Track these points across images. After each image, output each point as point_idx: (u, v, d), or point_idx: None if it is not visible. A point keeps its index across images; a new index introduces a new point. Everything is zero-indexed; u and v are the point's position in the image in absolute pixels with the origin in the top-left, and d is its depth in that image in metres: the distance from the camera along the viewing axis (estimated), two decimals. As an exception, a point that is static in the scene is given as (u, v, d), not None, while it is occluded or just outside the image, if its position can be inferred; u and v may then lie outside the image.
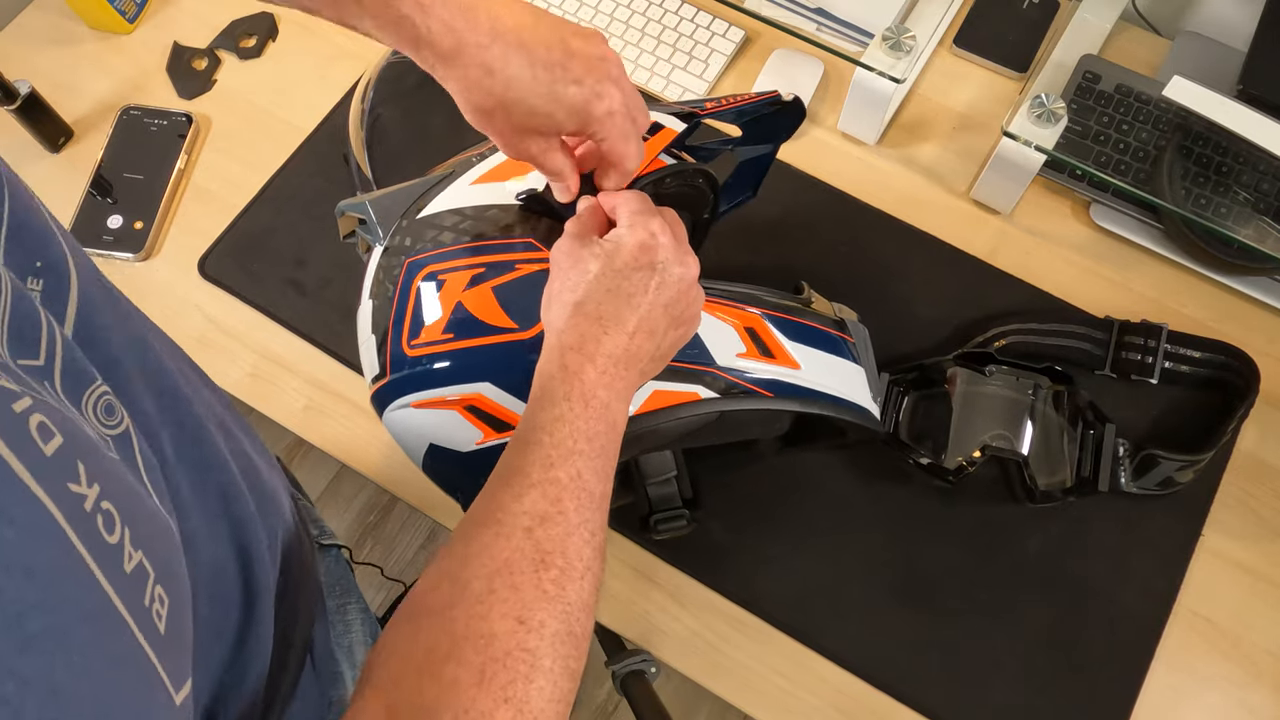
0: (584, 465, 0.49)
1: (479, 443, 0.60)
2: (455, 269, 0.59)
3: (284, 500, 0.54)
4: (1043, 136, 0.81)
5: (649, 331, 0.53)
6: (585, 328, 0.52)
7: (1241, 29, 0.91)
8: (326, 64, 1.01)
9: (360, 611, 0.65)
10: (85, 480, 0.29)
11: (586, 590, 0.46)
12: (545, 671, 0.43)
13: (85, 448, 0.30)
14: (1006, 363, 0.80)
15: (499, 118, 0.52)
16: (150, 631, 0.30)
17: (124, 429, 0.35)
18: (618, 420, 0.52)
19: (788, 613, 0.76)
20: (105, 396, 0.34)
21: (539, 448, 0.49)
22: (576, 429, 0.49)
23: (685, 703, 1.42)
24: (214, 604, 0.43)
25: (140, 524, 0.31)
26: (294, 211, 0.93)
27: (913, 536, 0.77)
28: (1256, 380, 0.79)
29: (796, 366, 0.64)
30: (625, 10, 1.00)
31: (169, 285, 0.90)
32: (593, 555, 0.47)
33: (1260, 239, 0.84)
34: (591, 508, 0.48)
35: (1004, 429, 0.78)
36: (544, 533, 0.46)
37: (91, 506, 0.29)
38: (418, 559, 1.58)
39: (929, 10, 0.94)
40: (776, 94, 0.71)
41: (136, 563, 0.30)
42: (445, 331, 0.59)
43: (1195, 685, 0.73)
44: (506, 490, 0.48)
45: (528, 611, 0.43)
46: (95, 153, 0.95)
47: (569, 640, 0.44)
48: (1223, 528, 0.78)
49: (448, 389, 0.59)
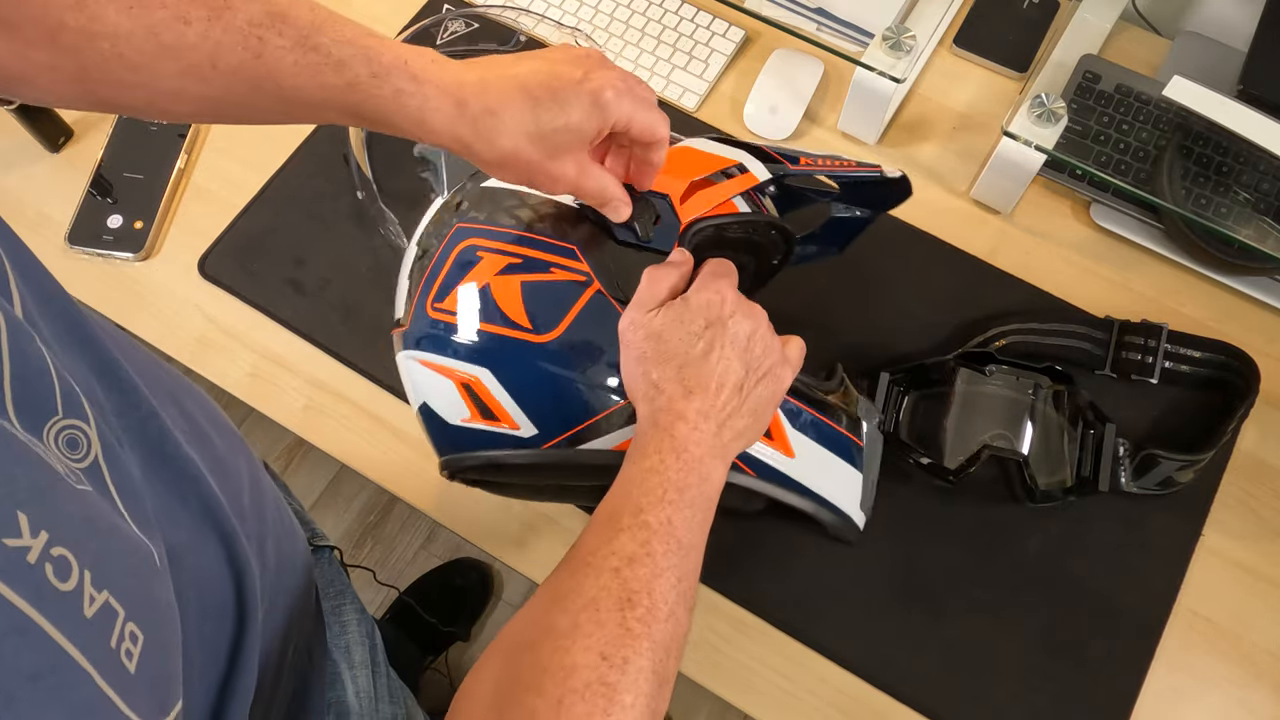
0: (674, 514, 0.49)
1: (464, 420, 0.61)
2: (494, 250, 0.60)
3: (268, 501, 0.54)
4: (1043, 136, 0.81)
5: (734, 387, 0.54)
6: (671, 389, 0.53)
7: (1241, 29, 0.91)
8: (326, 64, 1.01)
9: (356, 612, 0.65)
10: (28, 530, 0.28)
11: (671, 632, 0.46)
12: (625, 707, 0.43)
13: (29, 493, 0.29)
14: (1006, 362, 0.80)
15: (525, 152, 0.51)
16: (116, 674, 0.29)
17: (91, 459, 0.34)
18: (712, 475, 0.53)
19: (788, 613, 0.76)
20: (67, 430, 0.33)
21: (629, 498, 0.50)
22: (668, 479, 0.50)
23: (685, 703, 1.42)
24: (205, 618, 0.43)
25: (107, 560, 0.31)
26: (294, 211, 0.93)
27: (913, 536, 0.77)
28: (1256, 380, 0.79)
29: (791, 455, 0.63)
30: (625, 10, 1.00)
31: (169, 285, 0.90)
32: (677, 600, 0.48)
33: (1260, 239, 0.84)
34: (680, 554, 0.49)
35: (1004, 429, 0.78)
36: (631, 572, 0.47)
37: (38, 557, 0.28)
38: (418, 559, 1.58)
39: (929, 10, 0.94)
40: (879, 169, 0.71)
41: (101, 604, 0.30)
42: (464, 307, 0.60)
43: (1195, 685, 0.73)
44: (597, 535, 0.49)
45: (610, 647, 0.44)
46: (95, 152, 0.95)
47: (652, 679, 0.44)
48: (1223, 528, 0.78)
49: (452, 361, 0.60)
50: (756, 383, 0.56)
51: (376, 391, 0.85)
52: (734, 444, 0.55)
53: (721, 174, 0.64)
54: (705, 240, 0.62)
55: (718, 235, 0.63)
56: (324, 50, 0.47)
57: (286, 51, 0.46)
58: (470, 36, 1.00)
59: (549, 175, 0.53)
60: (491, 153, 0.51)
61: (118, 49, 0.45)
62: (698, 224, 0.61)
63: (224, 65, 0.46)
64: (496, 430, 0.60)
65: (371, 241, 0.90)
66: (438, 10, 1.00)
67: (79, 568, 0.29)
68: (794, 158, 0.68)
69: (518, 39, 1.00)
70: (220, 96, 0.48)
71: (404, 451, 0.83)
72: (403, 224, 0.89)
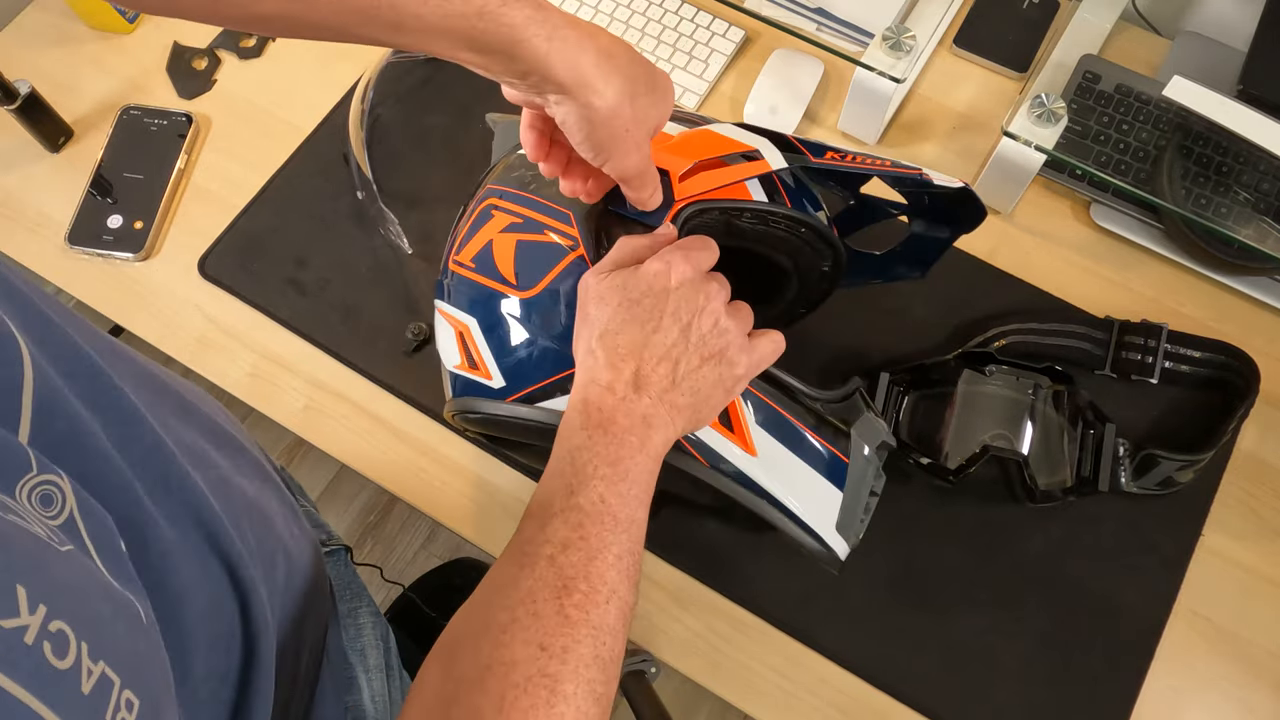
0: (606, 490, 0.49)
1: (456, 367, 0.64)
2: (504, 210, 0.62)
3: (275, 514, 0.54)
4: (1043, 136, 0.81)
5: (671, 360, 0.53)
6: (603, 357, 0.53)
7: (1241, 29, 0.91)
8: (326, 64, 1.01)
9: (371, 614, 0.65)
10: (27, 606, 0.27)
11: (613, 614, 0.46)
12: (567, 697, 0.43)
13: (24, 566, 0.28)
14: (1006, 363, 0.80)
15: (627, 107, 0.50)
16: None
17: (66, 515, 0.33)
18: (648, 444, 0.51)
19: (788, 613, 0.76)
20: (41, 486, 0.32)
21: (561, 478, 0.49)
22: (597, 455, 0.50)
23: (685, 703, 1.43)
24: (214, 650, 0.43)
25: (100, 627, 0.30)
26: (294, 211, 0.93)
27: (913, 536, 0.77)
28: (1256, 380, 0.79)
29: (753, 454, 0.60)
30: (625, 10, 1.00)
31: (169, 285, 0.90)
32: (619, 578, 0.47)
33: (1260, 239, 0.84)
34: (617, 531, 0.48)
35: (1004, 429, 0.78)
36: (566, 559, 0.46)
37: (35, 637, 0.27)
38: (418, 559, 1.59)
39: (929, 10, 0.94)
40: (920, 171, 0.65)
41: (98, 677, 0.29)
42: (472, 260, 0.63)
43: (1195, 685, 0.73)
44: (532, 523, 0.48)
45: (549, 637, 0.44)
46: (95, 153, 0.95)
47: (594, 664, 0.44)
48: (1223, 528, 0.78)
49: (454, 310, 0.64)
50: (702, 362, 0.53)
51: (376, 391, 0.85)
52: (675, 419, 0.53)
53: (733, 157, 0.61)
54: (717, 229, 0.60)
55: (728, 224, 0.62)
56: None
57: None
58: (470, 36, 0.99)
59: (636, 141, 0.51)
60: (607, 95, 0.49)
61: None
62: (696, 204, 0.59)
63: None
64: (475, 379, 0.63)
65: (371, 241, 0.90)
66: (438, 10, 1.00)
67: (76, 641, 0.28)
68: (819, 150, 0.64)
69: (518, 39, 1.00)
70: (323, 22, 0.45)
71: (404, 451, 0.83)
72: (403, 224, 0.89)
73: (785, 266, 0.68)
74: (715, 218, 0.61)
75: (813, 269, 0.68)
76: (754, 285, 0.70)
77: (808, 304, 0.74)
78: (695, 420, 0.55)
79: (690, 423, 0.55)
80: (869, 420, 0.64)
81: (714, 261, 0.56)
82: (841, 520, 0.62)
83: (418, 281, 0.88)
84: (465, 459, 0.82)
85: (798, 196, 0.64)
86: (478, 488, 0.82)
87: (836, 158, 0.64)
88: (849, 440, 0.63)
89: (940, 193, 0.68)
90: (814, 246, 0.66)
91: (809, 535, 0.61)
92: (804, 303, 0.74)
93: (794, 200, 0.64)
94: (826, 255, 0.67)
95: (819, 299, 0.73)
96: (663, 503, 0.75)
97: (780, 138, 0.64)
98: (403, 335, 0.85)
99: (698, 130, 0.63)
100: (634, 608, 0.49)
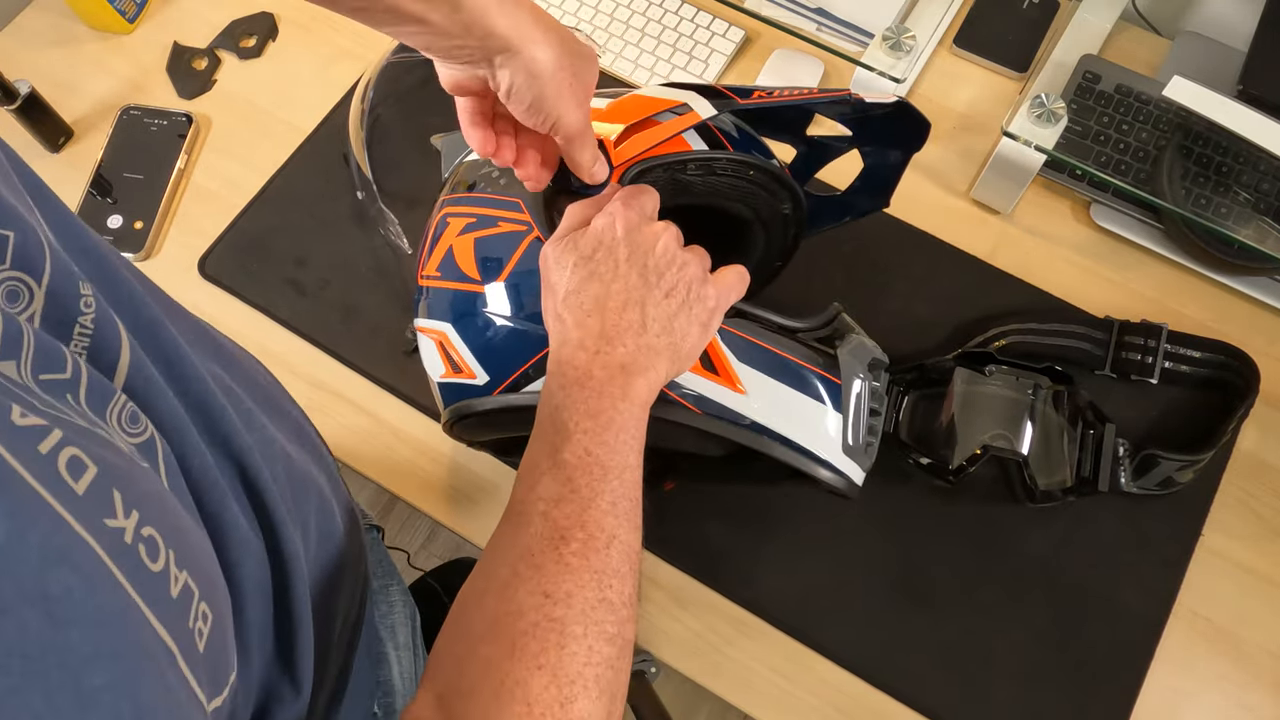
0: (590, 441, 0.49)
1: (442, 376, 0.64)
2: (459, 215, 0.63)
3: (315, 480, 0.53)
4: (1043, 136, 0.81)
5: (636, 303, 0.53)
6: (569, 318, 0.53)
7: (1241, 29, 0.91)
8: (326, 64, 1.01)
9: (402, 592, 0.66)
10: (122, 510, 0.28)
11: (615, 557, 0.47)
12: (577, 638, 0.44)
13: (120, 472, 0.29)
14: (1006, 363, 0.80)
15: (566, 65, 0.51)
16: (191, 654, 0.30)
17: (148, 435, 0.35)
18: (630, 392, 0.51)
19: (788, 613, 0.76)
20: (128, 406, 0.34)
21: (544, 438, 0.50)
22: (577, 410, 0.50)
23: (685, 703, 1.42)
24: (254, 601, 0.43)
25: (181, 540, 0.31)
26: (294, 211, 0.93)
27: (913, 536, 0.77)
28: (1256, 380, 0.79)
29: (741, 392, 0.59)
30: (625, 10, 1.00)
31: (169, 285, 0.88)
32: (616, 523, 0.48)
33: (1260, 239, 0.84)
34: (608, 479, 0.49)
35: (1004, 429, 0.78)
36: (559, 511, 0.47)
37: (132, 537, 0.28)
38: (418, 559, 1.58)
39: (929, 10, 0.94)
40: (848, 92, 0.65)
41: (182, 584, 0.30)
42: (437, 269, 0.64)
43: (1195, 685, 0.73)
44: (522, 485, 0.49)
45: (552, 585, 0.45)
46: (95, 153, 0.95)
47: (601, 606, 0.45)
48: (1223, 528, 0.78)
49: (430, 321, 0.64)
50: (665, 297, 0.53)
51: (376, 391, 0.85)
52: (656, 362, 0.53)
53: (664, 115, 0.61)
54: (664, 187, 0.60)
55: (673, 180, 0.61)
56: None
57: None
58: (470, 36, 0.99)
59: (578, 98, 0.53)
60: (549, 48, 0.50)
61: None
62: (638, 164, 0.59)
63: None
64: (461, 382, 0.63)
65: (371, 241, 0.90)
66: (438, 10, 1.00)
67: (165, 548, 0.30)
68: (746, 92, 0.64)
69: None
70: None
71: (404, 451, 0.83)
72: (403, 224, 0.89)
73: (745, 215, 0.67)
74: (660, 175, 0.61)
75: (773, 214, 0.68)
76: (721, 244, 0.68)
77: (781, 254, 0.73)
78: (676, 358, 0.54)
79: (672, 362, 0.54)
80: (856, 339, 0.63)
81: (656, 204, 0.57)
82: (848, 444, 0.61)
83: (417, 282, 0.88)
84: (465, 459, 0.82)
85: (744, 146, 0.64)
86: (478, 488, 0.82)
87: (764, 95, 0.63)
88: (837, 362, 0.61)
89: (878, 112, 0.68)
90: (767, 189, 0.65)
91: (819, 464, 0.60)
92: (776, 254, 0.73)
93: (740, 148, 0.64)
94: (783, 196, 0.66)
95: (790, 246, 0.72)
96: (664, 503, 0.75)
97: (707, 88, 0.64)
98: (402, 335, 0.85)
99: (623, 96, 0.64)
100: (639, 551, 0.49)
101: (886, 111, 0.67)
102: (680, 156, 0.60)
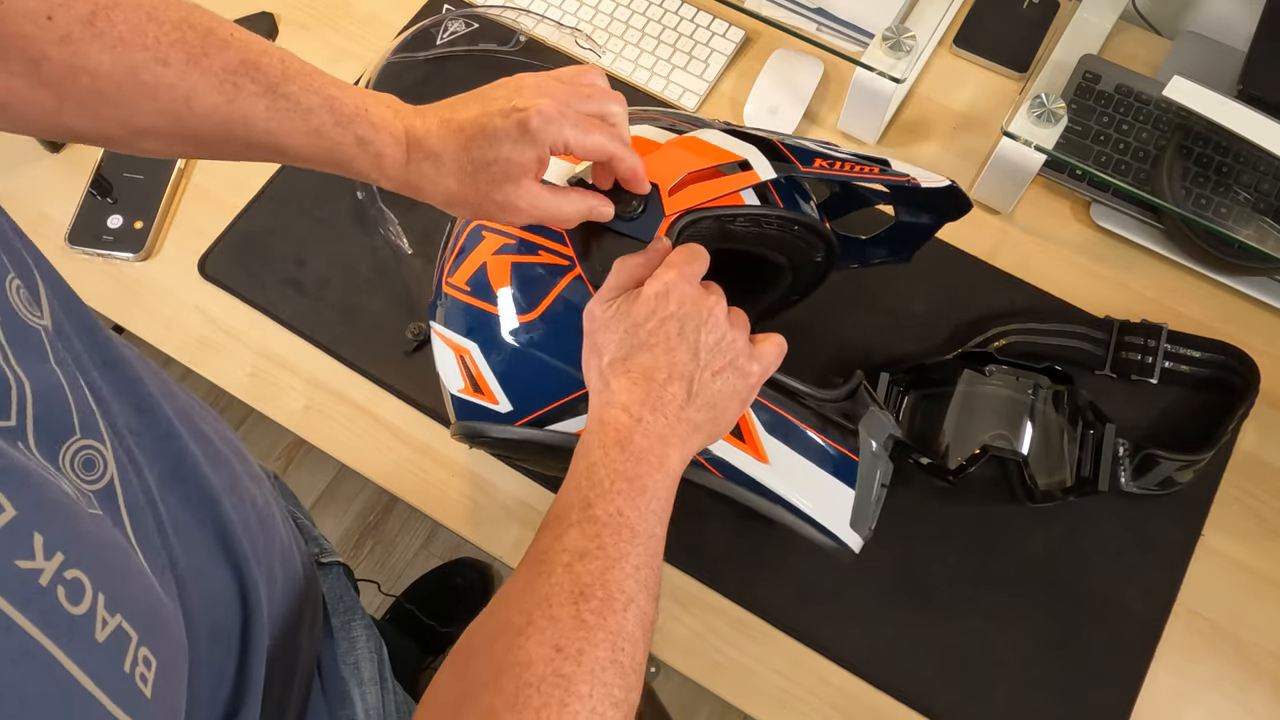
0: (624, 504, 0.49)
1: (460, 391, 0.64)
2: (496, 231, 0.62)
3: (277, 525, 0.54)
4: (1043, 136, 0.81)
5: (683, 379, 0.53)
6: (616, 382, 0.53)
7: (1241, 29, 0.91)
8: (326, 64, 0.99)
9: (365, 627, 0.65)
10: (42, 552, 0.28)
11: (631, 621, 0.46)
12: (582, 698, 0.43)
13: (46, 515, 0.29)
14: (1006, 363, 0.80)
15: (466, 190, 0.53)
16: (130, 699, 0.29)
17: (107, 482, 0.34)
18: (666, 463, 0.52)
19: (788, 613, 0.76)
20: (84, 450, 0.34)
21: (578, 492, 0.50)
22: (614, 470, 0.50)
23: (685, 703, 1.42)
24: (215, 642, 0.43)
25: (121, 584, 0.31)
26: (294, 211, 0.93)
27: (913, 536, 0.77)
28: (1256, 380, 0.79)
29: (765, 461, 0.60)
30: (625, 10, 1.00)
31: (169, 285, 0.90)
32: (636, 588, 0.47)
33: (1260, 239, 0.84)
34: (635, 543, 0.48)
35: (1004, 429, 0.78)
36: (583, 567, 0.46)
37: (50, 579, 0.28)
38: (418, 559, 1.59)
39: (929, 10, 0.94)
40: (909, 179, 0.65)
41: (114, 628, 0.30)
42: (466, 283, 0.63)
43: (1195, 685, 0.73)
44: (548, 533, 0.49)
45: (564, 640, 0.44)
46: (95, 152, 0.95)
47: (612, 668, 0.44)
48: (1223, 528, 0.78)
49: (453, 334, 0.63)
50: (713, 376, 0.54)
51: (376, 391, 0.85)
52: (693, 436, 0.54)
53: (722, 168, 0.61)
54: (710, 235, 0.60)
55: (721, 229, 0.62)
56: (292, 98, 0.50)
57: (258, 98, 0.49)
58: (470, 37, 1.00)
59: (498, 206, 0.53)
60: (437, 194, 0.53)
61: (97, 85, 0.46)
62: (688, 215, 0.59)
63: (199, 107, 0.48)
64: (481, 403, 0.63)
65: (371, 241, 0.90)
66: (438, 10, 1.00)
67: (92, 590, 0.29)
68: (809, 157, 0.63)
69: (518, 39, 1.00)
70: (191, 135, 0.50)
71: (404, 451, 0.83)
72: (402, 224, 0.89)
73: (779, 262, 0.68)
74: (709, 225, 0.61)
75: (805, 260, 0.68)
76: (748, 279, 0.71)
77: (801, 292, 0.74)
78: (714, 433, 0.56)
79: (709, 436, 0.55)
80: (875, 415, 0.65)
81: (705, 269, 0.57)
82: (854, 516, 0.63)
83: (417, 281, 0.88)
84: (465, 459, 0.82)
85: (788, 192, 0.64)
86: (478, 488, 0.82)
87: (825, 165, 0.64)
88: (857, 438, 0.63)
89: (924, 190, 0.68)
90: (807, 241, 0.66)
91: (823, 534, 0.62)
92: (797, 291, 0.74)
93: (784, 196, 0.63)
94: (819, 247, 0.67)
95: (812, 287, 0.73)
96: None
97: (768, 144, 0.63)
98: (402, 335, 0.85)
99: (684, 138, 0.62)
100: (654, 621, 0.49)
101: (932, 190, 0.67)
102: (732, 210, 0.61)
